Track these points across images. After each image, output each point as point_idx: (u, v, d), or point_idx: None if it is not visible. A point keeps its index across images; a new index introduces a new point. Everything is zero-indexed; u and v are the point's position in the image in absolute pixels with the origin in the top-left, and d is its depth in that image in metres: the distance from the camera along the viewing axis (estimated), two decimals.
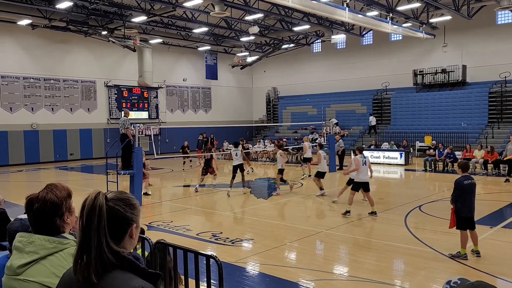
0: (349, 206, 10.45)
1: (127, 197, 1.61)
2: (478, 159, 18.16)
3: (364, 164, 10.44)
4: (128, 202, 1.59)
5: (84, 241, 1.49)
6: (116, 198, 1.58)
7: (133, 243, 1.62)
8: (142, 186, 13.03)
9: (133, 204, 1.61)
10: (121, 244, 1.56)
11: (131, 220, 1.58)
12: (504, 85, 24.40)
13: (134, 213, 1.60)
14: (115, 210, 1.54)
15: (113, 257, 1.49)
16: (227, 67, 34.95)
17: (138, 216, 1.63)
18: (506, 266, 6.83)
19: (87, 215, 1.50)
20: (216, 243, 8.47)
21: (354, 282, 6.36)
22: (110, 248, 1.49)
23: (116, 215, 1.54)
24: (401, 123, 27.32)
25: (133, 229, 1.59)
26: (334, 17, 19.45)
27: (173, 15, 23.40)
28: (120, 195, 1.60)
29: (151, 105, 31.14)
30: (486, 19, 24.83)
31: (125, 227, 1.57)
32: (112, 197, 1.57)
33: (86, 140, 27.41)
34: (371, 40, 30.82)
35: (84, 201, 1.54)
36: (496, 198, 12.60)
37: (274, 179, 17.19)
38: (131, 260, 1.52)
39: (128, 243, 1.59)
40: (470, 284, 1.31)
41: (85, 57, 27.65)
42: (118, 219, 1.55)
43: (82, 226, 1.51)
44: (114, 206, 1.55)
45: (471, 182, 7.19)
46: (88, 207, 1.51)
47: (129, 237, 1.59)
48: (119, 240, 1.55)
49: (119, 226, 1.55)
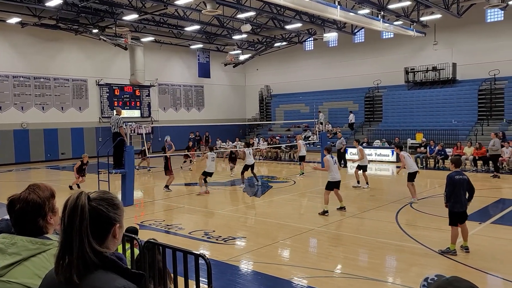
0: (326, 206, 10.48)
1: (110, 197, 1.61)
2: (468, 156, 18.36)
3: (334, 163, 10.63)
4: (111, 202, 1.59)
5: (66, 241, 1.49)
6: (99, 198, 1.57)
7: (116, 243, 1.61)
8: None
9: (116, 204, 1.61)
10: (104, 244, 1.55)
11: (114, 220, 1.58)
12: (493, 82, 24.64)
13: (117, 213, 1.60)
14: (97, 210, 1.54)
15: (96, 257, 1.49)
16: (220, 65, 34.89)
17: (122, 216, 1.63)
18: (494, 262, 6.93)
19: (69, 215, 1.50)
20: (208, 242, 8.49)
21: (346, 279, 6.41)
22: (93, 248, 1.49)
23: (99, 215, 1.54)
24: (393, 121, 27.49)
25: (116, 229, 1.59)
26: (326, 15, 19.50)
27: (164, 13, 23.28)
28: (103, 195, 1.60)
29: (143, 103, 31.02)
30: (475, 17, 25.03)
31: (108, 227, 1.57)
32: (95, 197, 1.57)
33: (78, 139, 27.23)
34: (363, 38, 30.94)
35: (66, 201, 1.54)
36: (485, 194, 12.75)
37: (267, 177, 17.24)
38: (113, 260, 1.52)
39: (111, 243, 1.59)
40: (445, 280, 1.34)
41: (76, 56, 27.45)
42: (101, 219, 1.55)
43: (64, 226, 1.50)
44: (97, 206, 1.54)
45: (462, 178, 7.28)
46: (70, 207, 1.50)
47: (112, 237, 1.59)
48: (102, 240, 1.55)
49: (102, 226, 1.55)
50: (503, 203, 11.80)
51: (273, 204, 12.38)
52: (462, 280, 1.33)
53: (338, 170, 10.76)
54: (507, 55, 24.59)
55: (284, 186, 15.23)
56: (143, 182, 17.63)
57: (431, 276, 1.41)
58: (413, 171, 11.59)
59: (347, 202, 11.30)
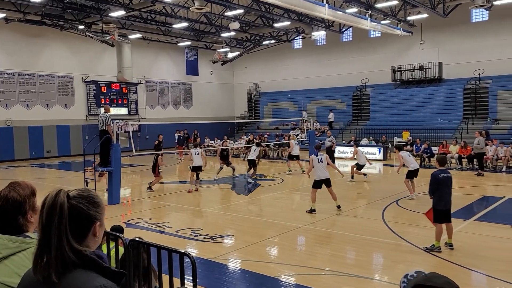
0: (313, 205, 10.51)
1: (90, 195, 1.59)
2: (453, 154, 18.60)
3: (320, 162, 10.51)
4: (92, 200, 1.57)
5: (44, 240, 1.47)
6: (79, 196, 1.55)
7: (97, 242, 1.60)
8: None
9: (97, 202, 1.59)
10: (84, 242, 1.54)
11: (94, 218, 1.56)
12: (478, 82, 25.00)
13: (97, 211, 1.58)
14: (77, 208, 1.52)
15: (75, 256, 1.47)
16: (208, 63, 34.77)
17: (103, 214, 1.61)
18: (478, 258, 7.04)
19: (47, 213, 1.48)
20: (195, 240, 8.46)
21: (333, 277, 6.45)
22: (72, 247, 1.47)
23: (78, 213, 1.52)
24: (380, 119, 27.72)
25: (96, 227, 1.58)
26: (314, 14, 19.56)
27: (152, 10, 23.10)
28: (83, 192, 1.58)
29: (131, 101, 30.77)
30: (461, 17, 25.35)
31: (88, 225, 1.55)
32: (75, 195, 1.55)
33: (64, 137, 26.90)
34: (351, 37, 31.11)
35: (45, 199, 1.52)
36: (470, 192, 12.95)
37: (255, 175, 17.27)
38: (93, 259, 1.50)
39: (91, 241, 1.57)
40: (424, 276, 1.39)
41: (62, 52, 27.08)
42: (81, 217, 1.53)
43: (42, 224, 1.48)
44: (77, 204, 1.53)
45: (447, 176, 7.36)
46: (49, 205, 1.49)
47: (92, 236, 1.57)
48: (82, 239, 1.53)
49: (81, 225, 1.53)
50: (486, 200, 11.99)
51: (261, 202, 12.40)
52: (439, 276, 1.38)
53: (323, 169, 10.59)
54: (491, 55, 24.96)
55: (272, 184, 15.26)
56: (130, 180, 17.51)
57: (411, 272, 1.46)
58: (413, 169, 11.96)
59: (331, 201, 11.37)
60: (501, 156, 17.52)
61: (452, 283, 1.34)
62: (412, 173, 11.98)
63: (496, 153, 17.65)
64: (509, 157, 17.30)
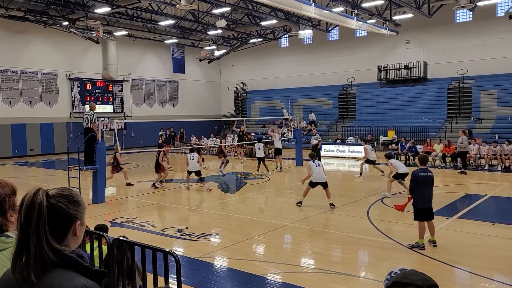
0: (302, 198, 11.02)
1: (70, 194, 1.57)
2: (437, 152, 18.86)
3: (317, 166, 10.95)
4: (72, 199, 1.56)
5: (23, 240, 1.45)
6: (58, 195, 1.54)
7: (77, 241, 1.58)
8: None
9: (77, 201, 1.58)
10: (64, 242, 1.52)
11: (74, 217, 1.55)
12: (461, 81, 25.38)
13: (78, 210, 1.56)
14: (57, 207, 1.51)
15: (55, 255, 1.45)
16: (195, 61, 34.61)
17: (83, 213, 1.59)
18: (461, 255, 7.15)
19: (25, 212, 1.46)
20: (181, 239, 8.43)
21: (319, 274, 6.49)
22: (51, 247, 1.45)
23: (58, 212, 1.50)
24: (366, 118, 27.95)
25: (76, 226, 1.56)
26: (301, 13, 19.60)
27: (138, 7, 22.88)
28: (63, 191, 1.57)
29: (116, 98, 30.46)
30: (445, 18, 25.70)
31: (68, 225, 1.53)
32: (54, 193, 1.54)
33: (47, 135, 26.50)
34: (337, 36, 31.29)
35: (23, 198, 1.50)
36: (453, 190, 13.16)
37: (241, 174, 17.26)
38: (73, 258, 1.49)
39: (71, 241, 1.55)
40: (403, 273, 1.43)
41: (46, 49, 26.66)
42: (60, 216, 1.51)
43: (20, 224, 1.47)
44: (56, 203, 1.51)
45: (427, 175, 7.45)
46: (27, 204, 1.47)
47: (72, 235, 1.55)
48: (62, 238, 1.52)
49: (61, 224, 1.52)
50: (469, 198, 12.19)
51: (247, 201, 12.40)
52: (416, 273, 1.43)
53: (321, 171, 10.87)
54: (474, 55, 25.37)
55: (258, 183, 15.27)
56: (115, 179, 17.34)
57: (395, 270, 1.49)
58: (402, 172, 12.09)
59: (321, 198, 11.44)
60: (483, 155, 17.83)
61: (429, 279, 1.38)
62: (400, 176, 12.20)
63: (479, 152, 17.95)
64: (491, 156, 17.61)
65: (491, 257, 7.04)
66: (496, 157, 17.51)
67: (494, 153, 17.56)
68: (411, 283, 1.36)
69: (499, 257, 7.08)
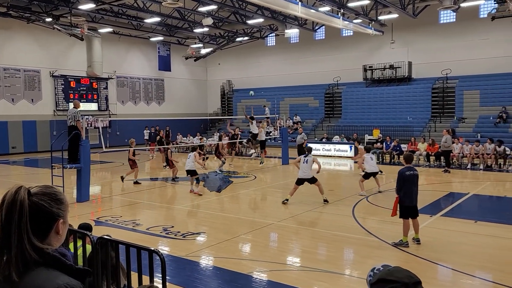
0: (289, 197, 11.16)
1: (53, 192, 1.55)
2: (421, 151, 19.11)
3: (304, 163, 11.14)
4: (54, 197, 1.54)
5: (4, 238, 1.43)
6: (40, 193, 1.52)
7: (60, 240, 1.56)
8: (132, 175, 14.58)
9: (60, 199, 1.56)
10: (46, 240, 1.50)
11: (57, 215, 1.53)
12: (445, 81, 25.75)
13: (60, 208, 1.54)
14: (39, 205, 1.49)
15: (37, 254, 1.44)
16: (181, 59, 34.39)
17: (66, 212, 1.58)
18: (444, 253, 7.26)
19: (6, 210, 1.44)
20: (166, 238, 8.37)
21: (304, 272, 6.52)
22: (33, 245, 1.44)
23: (40, 210, 1.49)
24: (352, 117, 28.15)
25: (59, 224, 1.54)
26: (288, 11, 19.62)
27: (123, 4, 22.63)
28: (45, 189, 1.55)
29: (101, 96, 30.09)
30: (430, 18, 26.02)
31: (50, 223, 1.51)
32: (36, 191, 1.52)
33: (30, 133, 26.05)
34: (324, 35, 31.43)
35: (4, 196, 1.47)
36: (437, 188, 13.35)
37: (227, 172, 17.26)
38: (56, 256, 1.47)
39: (54, 239, 1.53)
40: (387, 270, 1.44)
41: (28, 45, 26.19)
42: (43, 215, 1.49)
43: (1, 222, 1.44)
44: (38, 201, 1.49)
45: (413, 173, 7.55)
46: (8, 202, 1.44)
47: (55, 233, 1.53)
48: (44, 237, 1.50)
49: (43, 222, 1.50)
50: (452, 196, 12.38)
51: (233, 199, 12.39)
52: (401, 270, 1.44)
53: (306, 169, 11.01)
54: (458, 55, 25.75)
55: (245, 181, 15.26)
56: (100, 178, 17.15)
57: (377, 266, 1.50)
58: (369, 172, 12.46)
59: (307, 196, 11.49)
60: (466, 154, 18.12)
61: (413, 276, 1.39)
62: (368, 175, 12.52)
63: (462, 151, 18.25)
64: (473, 155, 17.91)
65: (473, 254, 7.16)
66: (478, 156, 17.82)
67: (476, 152, 17.87)
68: (397, 280, 1.37)
69: (481, 254, 7.21)
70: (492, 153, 17.60)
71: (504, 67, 24.36)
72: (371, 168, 12.54)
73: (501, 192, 13.46)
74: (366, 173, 12.53)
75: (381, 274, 1.42)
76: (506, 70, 24.30)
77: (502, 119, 22.42)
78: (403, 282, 1.36)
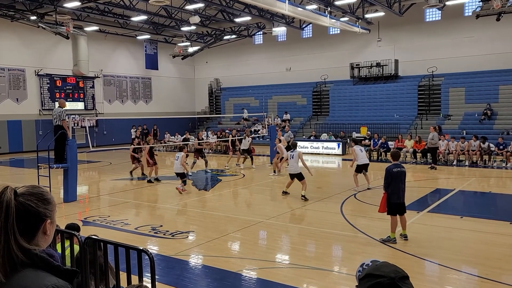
0: (287, 189, 11.87)
1: (40, 192, 1.54)
2: (408, 148, 19.32)
3: (291, 158, 11.63)
4: (41, 197, 1.53)
5: None
6: (27, 193, 1.51)
7: (47, 240, 1.56)
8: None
9: (47, 199, 1.55)
10: (33, 241, 1.49)
11: (44, 215, 1.52)
12: (431, 79, 26.05)
13: (48, 208, 1.54)
14: (26, 206, 1.48)
15: (24, 255, 1.43)
16: (168, 57, 34.18)
17: (53, 212, 1.57)
18: (431, 248, 7.36)
19: None
20: (155, 237, 8.34)
21: (293, 269, 6.56)
22: (20, 246, 1.43)
23: (27, 210, 1.48)
24: (339, 115, 28.31)
25: (46, 225, 1.53)
26: (275, 10, 19.66)
27: (109, 2, 22.40)
28: (32, 189, 1.54)
29: (87, 95, 29.77)
30: (415, 16, 26.28)
31: (37, 223, 1.51)
32: (23, 192, 1.51)
33: (15, 133, 25.67)
34: (311, 34, 31.53)
35: None
36: (423, 184, 13.52)
37: (216, 171, 17.23)
38: (43, 257, 1.47)
39: (41, 240, 1.53)
40: (375, 266, 1.47)
41: (12, 44, 25.77)
42: (30, 215, 1.48)
43: None
44: (25, 202, 1.48)
45: (400, 170, 7.64)
46: None
47: (42, 234, 1.53)
48: (31, 237, 1.49)
49: (30, 222, 1.49)
50: (439, 192, 12.55)
51: (222, 198, 12.38)
52: (388, 265, 1.47)
53: (294, 164, 11.49)
54: (443, 53, 26.06)
55: (233, 180, 15.27)
56: (87, 177, 16.99)
57: (366, 261, 1.53)
58: (361, 163, 12.69)
59: (295, 194, 11.55)
60: (452, 150, 18.38)
61: (400, 271, 1.42)
62: (360, 167, 12.73)
63: (448, 148, 18.49)
64: (459, 151, 18.17)
65: (460, 249, 7.28)
66: (463, 153, 18.09)
67: (462, 149, 18.13)
68: (384, 275, 1.39)
69: (466, 249, 7.34)
70: (477, 149, 17.88)
71: (488, 64, 24.74)
72: (362, 160, 12.74)
73: (485, 188, 13.71)
74: (358, 166, 12.73)
75: (368, 270, 1.45)
76: (490, 67, 24.69)
77: (486, 116, 22.78)
78: (390, 277, 1.38)
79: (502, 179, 15.38)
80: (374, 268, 1.44)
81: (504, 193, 12.67)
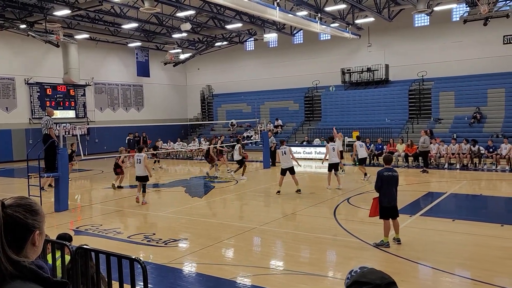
0: (279, 187, 12.73)
1: (28, 203, 1.53)
2: (400, 152, 19.43)
3: (283, 154, 12.86)
4: (29, 208, 1.52)
5: None
6: (15, 204, 1.49)
7: (36, 251, 1.54)
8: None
9: (35, 210, 1.53)
10: (22, 253, 1.48)
11: (32, 227, 1.51)
12: (421, 83, 26.29)
13: (36, 220, 1.52)
14: (13, 217, 1.46)
15: (12, 267, 1.41)
16: (160, 64, 34.13)
17: (42, 223, 1.56)
18: (424, 252, 7.39)
19: None
20: (148, 245, 8.27)
21: (288, 275, 6.54)
22: (9, 258, 1.41)
23: (15, 222, 1.46)
24: (331, 120, 28.40)
25: (35, 236, 1.52)
26: (266, 16, 19.76)
27: (100, 10, 22.34)
28: (20, 201, 1.52)
29: (78, 103, 29.61)
30: (405, 22, 26.56)
31: (25, 235, 1.49)
32: (10, 203, 1.49)
33: (5, 142, 25.41)
34: (302, 39, 31.70)
35: None
36: (416, 188, 13.59)
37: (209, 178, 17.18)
38: (32, 269, 1.45)
39: (30, 251, 1.51)
40: (361, 272, 1.47)
41: (2, 52, 25.60)
42: (18, 227, 1.47)
43: None
44: (13, 213, 1.47)
45: (391, 174, 7.66)
46: None
47: (31, 245, 1.51)
48: (20, 249, 1.48)
49: (19, 234, 1.48)
50: (431, 196, 12.62)
51: (215, 204, 12.34)
52: (375, 271, 1.47)
53: (287, 160, 12.73)
54: (433, 57, 26.34)
55: (226, 186, 15.23)
56: (79, 186, 16.85)
57: (355, 268, 1.52)
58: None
59: (288, 199, 11.54)
60: (443, 154, 18.51)
61: (387, 277, 1.42)
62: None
63: (439, 151, 18.63)
64: (450, 155, 18.31)
65: (452, 252, 7.31)
66: (454, 156, 18.23)
67: (453, 152, 18.28)
68: (370, 282, 1.39)
69: (459, 252, 7.37)
70: (468, 152, 18.03)
71: (476, 68, 25.04)
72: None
73: (476, 191, 13.82)
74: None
75: (355, 277, 1.45)
76: (478, 71, 24.99)
77: (476, 119, 23.01)
78: (375, 284, 1.38)
79: (493, 181, 15.53)
80: (360, 275, 1.44)
81: (495, 196, 12.79)
